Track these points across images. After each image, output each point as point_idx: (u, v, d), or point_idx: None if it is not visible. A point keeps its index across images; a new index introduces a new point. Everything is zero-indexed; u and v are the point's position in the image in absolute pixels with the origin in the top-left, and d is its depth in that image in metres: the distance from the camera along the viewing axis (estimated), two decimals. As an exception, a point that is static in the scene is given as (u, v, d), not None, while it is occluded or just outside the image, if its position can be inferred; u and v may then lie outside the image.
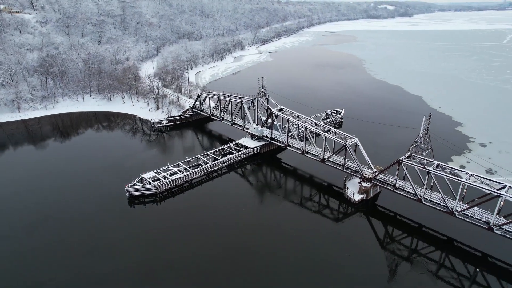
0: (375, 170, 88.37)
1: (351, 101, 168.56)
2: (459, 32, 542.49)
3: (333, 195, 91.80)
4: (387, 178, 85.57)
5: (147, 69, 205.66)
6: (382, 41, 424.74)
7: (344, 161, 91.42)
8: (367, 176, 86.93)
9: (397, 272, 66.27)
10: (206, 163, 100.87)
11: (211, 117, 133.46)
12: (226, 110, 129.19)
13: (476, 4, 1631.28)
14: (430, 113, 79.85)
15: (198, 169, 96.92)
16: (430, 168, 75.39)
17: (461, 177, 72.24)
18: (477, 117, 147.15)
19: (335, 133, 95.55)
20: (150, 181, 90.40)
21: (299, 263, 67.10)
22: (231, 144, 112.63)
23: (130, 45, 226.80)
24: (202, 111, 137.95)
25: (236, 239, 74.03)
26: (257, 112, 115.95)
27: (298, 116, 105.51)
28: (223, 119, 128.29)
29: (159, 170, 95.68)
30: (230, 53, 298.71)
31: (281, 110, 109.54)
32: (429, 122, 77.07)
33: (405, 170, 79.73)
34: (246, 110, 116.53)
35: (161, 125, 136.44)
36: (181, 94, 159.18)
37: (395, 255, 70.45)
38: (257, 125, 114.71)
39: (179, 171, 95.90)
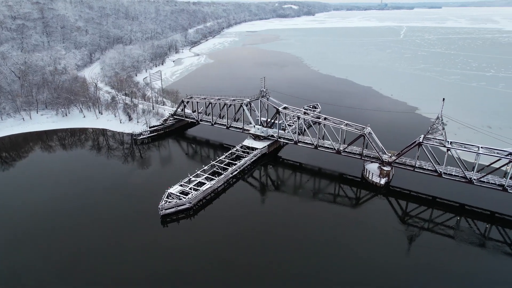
0: (390, 154, 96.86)
1: (315, 95, 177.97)
2: (362, 29, 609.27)
3: (352, 183, 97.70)
4: (404, 159, 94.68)
5: (94, 78, 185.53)
6: (303, 38, 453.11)
7: (363, 149, 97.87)
8: (387, 160, 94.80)
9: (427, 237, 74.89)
10: (224, 169, 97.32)
11: (199, 122, 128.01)
12: (219, 114, 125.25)
13: (361, 4, 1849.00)
14: (443, 99, 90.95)
15: (222, 176, 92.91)
16: (449, 146, 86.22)
17: (477, 149, 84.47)
18: (425, 101, 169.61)
19: (346, 124, 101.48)
20: (179, 195, 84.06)
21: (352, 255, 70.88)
22: (237, 147, 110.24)
23: (63, 53, 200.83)
24: (187, 117, 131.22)
25: (286, 243, 73.80)
26: (260, 112, 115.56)
27: (304, 113, 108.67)
28: (215, 123, 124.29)
29: (183, 183, 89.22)
30: (167, 56, 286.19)
31: (285, 108, 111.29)
32: (442, 106, 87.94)
33: (425, 150, 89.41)
34: (247, 111, 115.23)
35: (143, 136, 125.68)
36: (151, 101, 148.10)
37: (416, 225, 79.27)
38: (260, 125, 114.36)
39: (203, 181, 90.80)
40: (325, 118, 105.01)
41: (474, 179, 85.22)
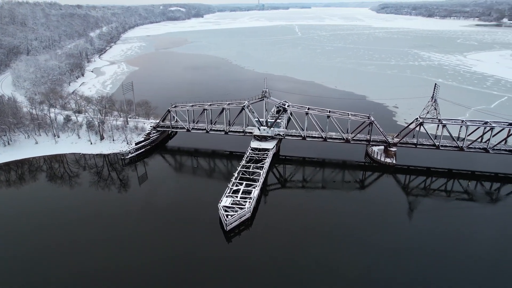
0: (391, 136, 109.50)
1: (273, 93, 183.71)
2: (259, 28, 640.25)
3: (363, 168, 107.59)
4: (406, 139, 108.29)
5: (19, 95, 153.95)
6: (212, 40, 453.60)
7: (370, 135, 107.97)
8: (392, 142, 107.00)
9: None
10: (252, 173, 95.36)
11: (190, 131, 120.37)
12: (210, 120, 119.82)
13: (242, 5, 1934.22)
14: (435, 84, 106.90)
15: (260, 182, 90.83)
16: (445, 122, 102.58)
17: (465, 123, 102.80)
18: (366, 89, 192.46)
19: (348, 115, 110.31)
20: (233, 206, 79.89)
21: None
22: (249, 151, 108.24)
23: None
24: (174, 127, 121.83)
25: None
26: (265, 113, 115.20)
27: (308, 108, 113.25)
28: (211, 130, 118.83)
29: (229, 194, 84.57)
30: (84, 67, 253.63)
31: (288, 106, 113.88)
32: (435, 90, 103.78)
33: (425, 129, 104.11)
34: (250, 114, 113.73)
35: (132, 154, 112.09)
36: (123, 116, 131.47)
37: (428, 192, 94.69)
38: (265, 125, 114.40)
39: (247, 189, 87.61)
40: (329, 111, 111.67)
41: (464, 146, 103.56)
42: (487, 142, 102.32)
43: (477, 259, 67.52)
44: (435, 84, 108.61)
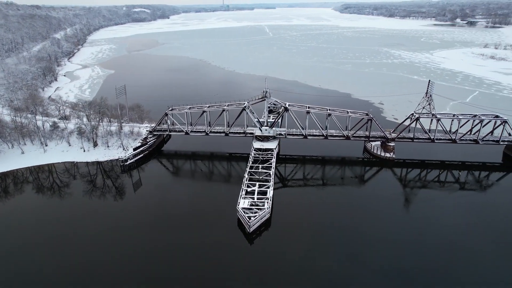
0: (388, 132, 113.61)
1: (256, 92, 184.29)
2: (229, 29, 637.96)
3: (364, 163, 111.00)
4: (402, 134, 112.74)
5: None
6: (185, 41, 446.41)
7: (369, 131, 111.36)
8: (391, 137, 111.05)
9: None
10: (261, 174, 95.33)
11: (189, 134, 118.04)
12: (208, 122, 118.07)
13: (206, 6, 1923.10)
14: (429, 80, 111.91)
15: (272, 182, 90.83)
16: (439, 116, 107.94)
17: (457, 117, 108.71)
18: (348, 87, 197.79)
19: (347, 112, 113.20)
20: (252, 207, 79.57)
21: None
22: (254, 152, 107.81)
23: None
24: (172, 131, 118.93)
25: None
26: (266, 113, 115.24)
27: (308, 107, 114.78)
28: (210, 132, 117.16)
29: (245, 196, 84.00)
30: (57, 70, 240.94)
31: (290, 105, 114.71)
32: (429, 86, 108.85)
33: (420, 123, 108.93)
34: (250, 114, 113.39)
35: (131, 161, 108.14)
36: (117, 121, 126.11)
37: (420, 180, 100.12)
38: (266, 126, 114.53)
39: (261, 189, 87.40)
40: (328, 110, 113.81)
41: (457, 139, 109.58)
42: (477, 134, 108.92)
43: (462, 244, 71.89)
44: (429, 80, 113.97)
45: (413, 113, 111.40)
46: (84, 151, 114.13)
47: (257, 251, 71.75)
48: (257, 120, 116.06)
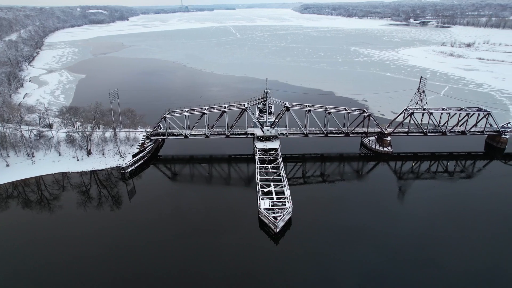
0: (383, 127, 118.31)
1: (242, 93, 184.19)
2: (193, 30, 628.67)
3: (364, 159, 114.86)
4: (397, 129, 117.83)
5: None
6: (151, 43, 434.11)
7: (367, 127, 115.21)
8: (387, 132, 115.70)
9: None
10: (271, 174, 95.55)
11: (189, 137, 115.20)
12: (207, 125, 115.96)
13: (165, 7, 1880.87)
14: (421, 77, 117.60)
15: (286, 181, 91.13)
16: (432, 111, 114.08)
17: (446, 110, 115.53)
18: (333, 86, 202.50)
19: (345, 109, 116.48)
20: (273, 207, 79.59)
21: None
22: (259, 153, 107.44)
23: None
24: (170, 135, 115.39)
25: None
26: (266, 113, 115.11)
27: (306, 105, 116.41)
28: (211, 134, 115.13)
29: (263, 196, 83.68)
30: (20, 76, 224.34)
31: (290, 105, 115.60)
32: (420, 82, 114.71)
33: (414, 118, 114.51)
34: (252, 115, 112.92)
35: (131, 168, 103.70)
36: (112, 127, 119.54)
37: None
38: (268, 126, 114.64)
39: (278, 189, 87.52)
40: (326, 108, 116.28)
41: (447, 131, 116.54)
42: (465, 125, 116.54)
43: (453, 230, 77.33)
44: (421, 77, 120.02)
45: (406, 108, 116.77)
46: (78, 160, 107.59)
47: (284, 250, 71.39)
48: (258, 120, 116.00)
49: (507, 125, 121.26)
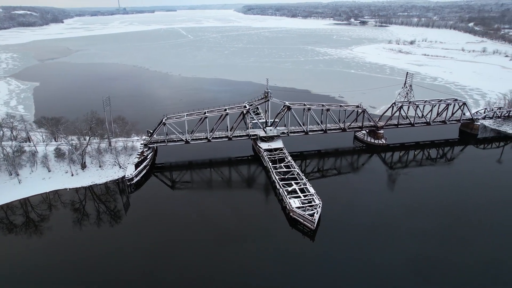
0: (375, 120, 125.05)
1: (223, 95, 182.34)
2: (141, 33, 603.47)
3: (362, 151, 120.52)
4: (388, 122, 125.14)
5: None
6: (101, 47, 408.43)
7: (362, 122, 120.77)
8: (380, 125, 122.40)
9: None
10: (285, 173, 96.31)
11: (189, 142, 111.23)
12: (207, 128, 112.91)
13: (102, 9, 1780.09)
14: (407, 72, 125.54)
15: (305, 178, 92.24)
16: (418, 104, 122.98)
17: (429, 102, 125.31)
18: (306, 84, 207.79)
19: (340, 106, 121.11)
20: (303, 206, 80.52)
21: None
22: (264, 153, 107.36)
23: None
24: (169, 141, 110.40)
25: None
26: (267, 113, 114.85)
27: (305, 104, 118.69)
28: (212, 138, 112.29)
29: (290, 196, 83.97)
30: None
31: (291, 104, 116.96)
32: (407, 77, 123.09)
33: (404, 110, 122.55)
34: (254, 116, 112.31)
35: (137, 178, 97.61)
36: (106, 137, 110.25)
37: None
38: (270, 126, 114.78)
39: (301, 187, 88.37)
40: (323, 105, 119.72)
41: (431, 122, 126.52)
42: (445, 115, 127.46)
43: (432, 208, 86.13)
44: (407, 72, 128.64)
45: (394, 102, 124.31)
46: (72, 175, 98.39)
47: (322, 246, 72.11)
48: (254, 121, 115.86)
49: (477, 113, 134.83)
